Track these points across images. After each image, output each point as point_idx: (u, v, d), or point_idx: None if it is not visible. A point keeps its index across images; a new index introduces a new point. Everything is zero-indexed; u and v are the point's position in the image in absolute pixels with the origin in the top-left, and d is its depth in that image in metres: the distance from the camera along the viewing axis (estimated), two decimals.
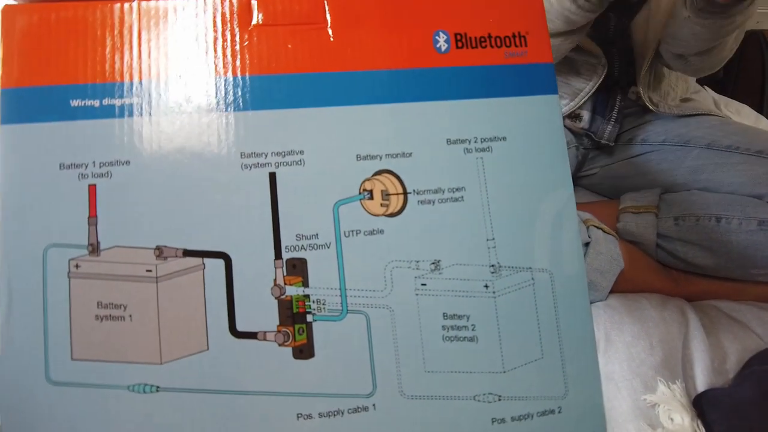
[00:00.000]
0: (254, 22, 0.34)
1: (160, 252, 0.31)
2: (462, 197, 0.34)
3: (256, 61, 0.33)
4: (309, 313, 0.32)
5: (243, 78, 0.33)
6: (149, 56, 0.33)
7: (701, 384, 0.55)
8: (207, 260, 0.32)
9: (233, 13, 0.34)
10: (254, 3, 0.34)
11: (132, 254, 0.31)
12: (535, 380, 0.34)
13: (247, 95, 0.33)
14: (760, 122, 1.05)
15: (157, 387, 0.31)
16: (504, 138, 0.35)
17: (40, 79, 0.32)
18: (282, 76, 0.33)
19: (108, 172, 0.31)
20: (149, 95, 0.32)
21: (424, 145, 0.34)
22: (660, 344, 0.57)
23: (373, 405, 0.32)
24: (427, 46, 0.35)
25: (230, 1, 0.34)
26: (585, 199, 0.85)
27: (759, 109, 1.13)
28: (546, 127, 0.36)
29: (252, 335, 0.31)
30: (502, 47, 0.36)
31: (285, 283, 0.32)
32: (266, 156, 0.33)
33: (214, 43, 0.33)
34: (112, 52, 0.32)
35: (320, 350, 0.32)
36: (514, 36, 0.36)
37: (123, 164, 0.32)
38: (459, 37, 0.36)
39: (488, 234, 0.34)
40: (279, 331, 0.32)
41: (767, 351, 0.56)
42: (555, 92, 0.37)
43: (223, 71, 0.33)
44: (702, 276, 0.69)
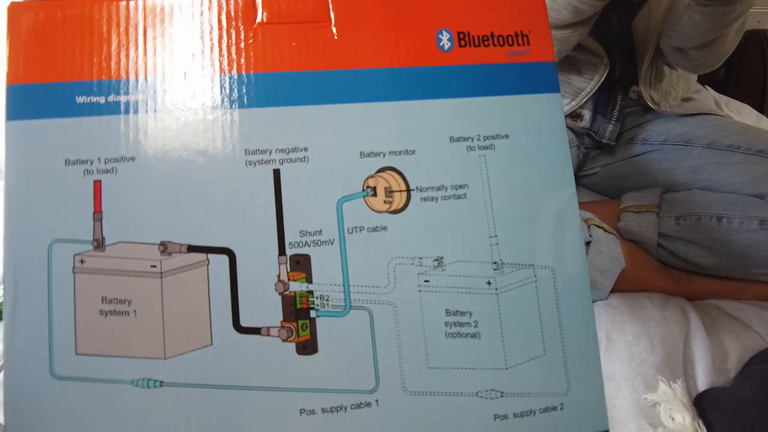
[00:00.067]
0: (259, 20, 0.34)
1: (165, 248, 0.31)
2: (465, 194, 0.34)
3: (260, 58, 0.34)
4: (312, 308, 0.32)
5: (247, 75, 0.33)
6: (154, 53, 0.33)
7: (702, 383, 0.55)
8: (211, 256, 0.32)
9: (238, 11, 0.34)
10: (259, 1, 0.34)
11: (136, 250, 0.31)
12: (537, 377, 0.34)
13: (252, 93, 0.33)
14: (761, 122, 1.05)
15: (161, 382, 0.31)
16: (506, 136, 0.36)
17: (46, 75, 0.32)
18: (286, 73, 0.34)
19: (113, 168, 0.32)
20: (154, 92, 0.33)
21: (427, 142, 0.35)
22: (661, 343, 0.57)
23: (376, 401, 0.32)
24: (430, 45, 0.35)
25: (235, 0, 0.34)
26: (586, 198, 0.85)
27: (760, 108, 1.13)
28: (548, 126, 0.36)
29: (256, 331, 0.32)
30: (504, 46, 0.36)
31: (289, 279, 0.32)
32: (270, 153, 0.33)
33: (219, 41, 0.33)
34: (118, 49, 0.33)
35: (323, 346, 0.32)
36: (516, 35, 0.37)
37: (128, 160, 0.32)
38: (462, 36, 0.36)
39: (491, 231, 0.34)
40: (282, 327, 0.32)
41: None
42: (557, 91, 0.37)
43: (227, 69, 0.33)
44: (703, 275, 0.69)
